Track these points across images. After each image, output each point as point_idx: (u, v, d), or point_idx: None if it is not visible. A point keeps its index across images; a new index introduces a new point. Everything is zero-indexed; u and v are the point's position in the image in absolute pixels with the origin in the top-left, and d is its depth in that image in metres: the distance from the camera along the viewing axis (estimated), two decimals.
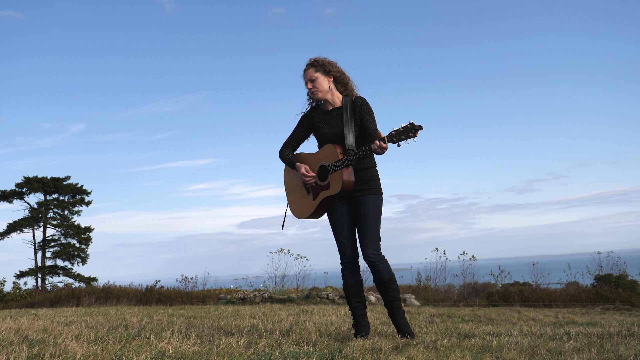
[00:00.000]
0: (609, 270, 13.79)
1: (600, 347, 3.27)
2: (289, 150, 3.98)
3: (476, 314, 8.07)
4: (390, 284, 3.72)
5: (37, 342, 3.33)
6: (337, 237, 3.84)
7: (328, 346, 3.25)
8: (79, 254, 27.79)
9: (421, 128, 3.40)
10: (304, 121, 3.97)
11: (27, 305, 13.63)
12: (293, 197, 4.02)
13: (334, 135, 3.79)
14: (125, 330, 4.15)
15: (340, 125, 3.79)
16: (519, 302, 11.98)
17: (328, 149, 3.76)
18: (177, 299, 13.42)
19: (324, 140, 3.84)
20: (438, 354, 3.04)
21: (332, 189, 3.71)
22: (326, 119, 3.86)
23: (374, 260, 3.68)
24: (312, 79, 3.83)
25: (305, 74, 3.89)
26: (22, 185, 27.43)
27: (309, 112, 3.97)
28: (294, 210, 4.00)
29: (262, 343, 3.29)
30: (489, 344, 3.37)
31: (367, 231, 3.70)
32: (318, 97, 3.86)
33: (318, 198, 3.79)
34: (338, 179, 3.66)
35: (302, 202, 3.92)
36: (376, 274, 3.71)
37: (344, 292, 3.88)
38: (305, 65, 3.89)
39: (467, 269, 14.21)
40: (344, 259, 3.83)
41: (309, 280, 14.36)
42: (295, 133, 4.00)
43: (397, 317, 3.75)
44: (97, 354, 2.84)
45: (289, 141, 4.01)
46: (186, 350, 2.98)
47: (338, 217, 3.82)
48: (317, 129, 3.88)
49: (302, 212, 3.92)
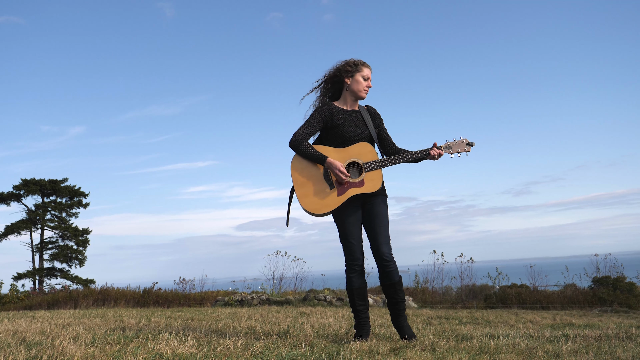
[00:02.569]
0: (607, 272, 13.79)
1: (597, 350, 3.28)
2: (307, 141, 3.75)
3: (474, 316, 8.07)
4: (400, 285, 3.75)
5: (34, 344, 3.33)
6: (348, 239, 3.73)
7: (325, 348, 3.25)
8: (77, 256, 27.75)
9: (473, 144, 3.78)
10: (323, 114, 3.80)
11: (24, 308, 13.59)
12: (306, 190, 3.72)
13: (361, 135, 3.80)
14: (122, 332, 4.14)
15: (365, 127, 3.84)
16: (516, 304, 11.98)
17: (364, 147, 3.74)
18: (175, 301, 13.41)
19: (348, 139, 3.76)
20: (436, 356, 3.04)
21: (367, 187, 3.68)
22: (348, 118, 3.83)
23: (389, 260, 3.70)
24: (370, 80, 3.91)
25: (366, 69, 3.88)
26: (19, 187, 27.40)
27: (326, 107, 3.84)
28: (309, 204, 3.69)
29: (259, 345, 3.29)
30: (487, 346, 3.38)
31: (383, 231, 3.73)
32: (363, 97, 3.90)
33: (346, 195, 3.68)
34: (377, 179, 3.70)
35: (322, 196, 3.69)
36: (387, 275, 3.72)
37: (349, 294, 3.81)
38: (364, 62, 3.90)
39: (464, 271, 14.22)
40: (353, 261, 3.75)
41: (307, 282, 14.36)
42: (311, 124, 3.79)
43: (402, 319, 3.77)
44: (95, 356, 2.84)
45: (306, 132, 3.76)
46: (184, 353, 2.97)
47: (352, 219, 3.74)
48: (338, 126, 3.78)
49: (321, 207, 3.69)
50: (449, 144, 3.80)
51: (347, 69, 3.87)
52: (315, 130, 3.82)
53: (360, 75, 3.85)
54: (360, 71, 3.86)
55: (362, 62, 3.88)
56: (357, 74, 3.86)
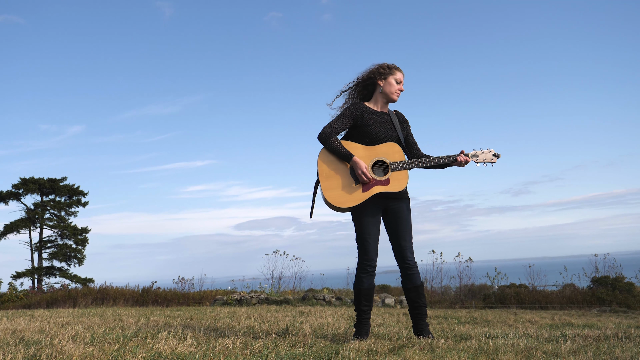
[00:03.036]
0: (606, 272, 13.80)
1: (596, 350, 3.28)
2: (336, 137, 3.79)
3: (472, 315, 8.07)
4: (422, 289, 3.83)
5: (33, 343, 3.33)
6: (365, 238, 3.74)
7: (324, 348, 3.25)
8: (76, 255, 27.75)
9: (499, 156, 3.89)
10: (354, 112, 3.85)
11: (23, 306, 13.59)
12: (332, 183, 3.74)
13: (389, 137, 3.85)
14: (121, 331, 4.14)
15: (394, 129, 3.91)
16: (515, 304, 11.99)
17: (393, 147, 3.79)
18: (174, 300, 13.41)
19: (376, 138, 3.80)
20: (434, 355, 3.05)
21: (392, 186, 3.72)
22: (378, 119, 3.88)
23: (412, 264, 3.80)
24: (403, 84, 3.97)
25: (399, 73, 3.95)
26: (18, 186, 27.38)
27: (358, 105, 3.88)
28: (333, 197, 3.71)
29: (258, 344, 3.29)
30: (485, 345, 3.38)
31: (407, 235, 3.81)
32: (395, 100, 3.95)
33: (370, 192, 3.71)
34: (403, 179, 3.75)
35: (348, 191, 3.72)
36: (410, 278, 3.80)
37: (356, 293, 3.81)
38: (398, 67, 3.97)
39: (463, 270, 14.24)
40: (367, 261, 3.76)
41: (305, 281, 14.37)
42: (342, 120, 3.83)
43: (424, 324, 3.85)
44: (94, 355, 2.84)
45: (336, 127, 3.81)
46: (182, 352, 2.98)
47: (372, 218, 3.76)
48: (368, 125, 3.82)
49: (346, 201, 3.70)
50: (476, 153, 3.88)
51: (381, 72, 3.94)
52: (345, 127, 3.86)
53: (393, 78, 3.92)
54: (394, 74, 3.93)
55: (395, 66, 3.96)
56: (390, 76, 3.92)
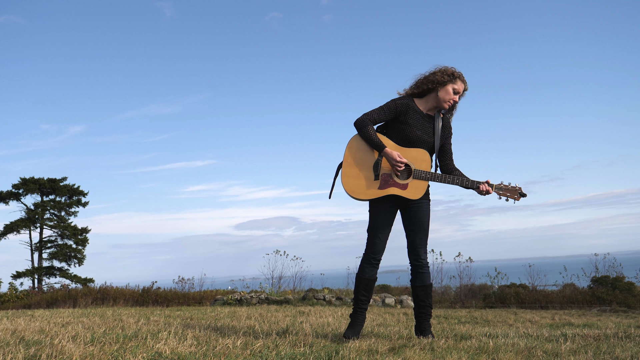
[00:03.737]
0: (606, 272, 13.80)
1: (596, 349, 3.28)
2: (372, 126, 3.78)
3: (473, 315, 8.08)
4: (430, 289, 3.88)
5: (33, 343, 3.33)
6: (376, 234, 3.78)
7: (324, 347, 3.25)
8: (76, 255, 27.74)
9: (525, 196, 3.80)
10: (399, 107, 3.81)
11: (23, 306, 13.59)
12: (352, 171, 3.78)
13: (425, 142, 3.82)
14: (121, 331, 4.14)
15: (433, 135, 3.86)
16: (515, 303, 12.00)
17: (423, 154, 3.76)
18: (174, 300, 13.41)
19: (411, 140, 3.78)
20: (434, 355, 3.05)
21: (409, 192, 3.72)
22: (421, 121, 3.84)
23: (424, 263, 3.85)
24: (460, 95, 3.89)
25: (460, 83, 3.83)
26: (18, 186, 27.38)
27: (405, 102, 3.84)
28: (349, 184, 3.77)
29: (258, 344, 3.29)
30: (486, 345, 3.38)
31: (424, 235, 3.84)
32: (445, 108, 3.87)
33: (386, 190, 3.73)
34: (421, 188, 3.74)
35: (365, 183, 3.75)
36: (421, 277, 3.84)
37: (357, 282, 3.84)
38: (463, 78, 3.86)
39: (463, 270, 14.24)
40: (373, 254, 3.80)
41: (306, 281, 14.35)
42: (383, 111, 3.80)
43: (427, 324, 3.87)
44: (94, 355, 2.84)
45: (374, 116, 3.79)
46: (183, 352, 2.98)
47: (386, 215, 3.78)
48: (408, 124, 3.80)
49: (360, 192, 3.75)
50: (502, 186, 3.80)
51: (444, 78, 3.84)
52: (385, 119, 3.83)
53: (452, 87, 3.83)
54: (454, 83, 3.83)
55: (459, 75, 3.85)
56: (449, 84, 3.83)
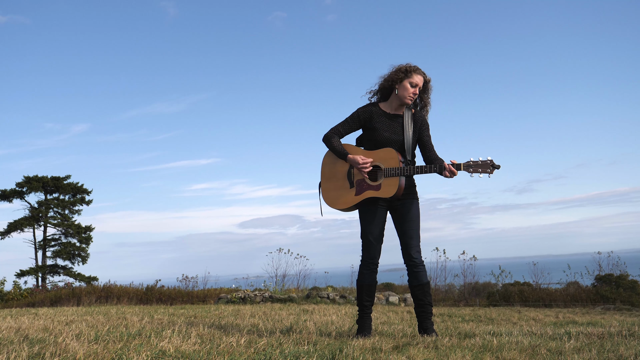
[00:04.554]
0: (609, 270, 13.77)
1: (600, 347, 3.27)
2: (337, 138, 3.90)
3: (476, 313, 8.07)
4: (428, 287, 3.83)
5: (37, 341, 3.33)
6: (368, 238, 3.82)
7: (328, 345, 3.25)
8: (80, 253, 27.79)
9: (498, 167, 3.64)
10: (361, 116, 3.89)
11: (27, 305, 13.63)
12: (330, 185, 3.93)
13: (394, 141, 3.82)
14: (125, 329, 4.15)
15: (401, 133, 3.85)
16: (519, 302, 11.98)
17: (389, 153, 3.77)
18: (178, 299, 13.42)
19: (380, 143, 3.82)
20: (438, 353, 3.04)
21: (383, 191, 3.73)
22: (387, 122, 3.86)
23: (418, 262, 3.81)
24: (419, 87, 3.85)
25: (416, 76, 3.82)
26: (22, 184, 27.42)
27: (368, 108, 3.91)
28: (328, 198, 3.92)
29: (262, 342, 3.29)
30: (490, 343, 3.37)
31: (414, 234, 3.83)
32: (408, 103, 3.86)
33: (362, 195, 3.79)
34: (393, 185, 3.72)
35: (341, 193, 3.86)
36: (417, 276, 3.81)
37: (358, 289, 3.89)
38: (417, 68, 3.84)
39: (467, 268, 14.22)
40: (369, 259, 3.84)
41: (310, 279, 14.36)
42: (348, 123, 3.91)
43: (428, 322, 3.82)
44: (98, 353, 2.84)
45: (339, 129, 3.91)
46: (187, 350, 2.98)
47: (375, 219, 3.81)
48: (375, 129, 3.84)
49: (338, 203, 3.87)
50: (470, 163, 3.69)
51: (399, 76, 3.86)
52: (350, 130, 3.92)
53: (408, 81, 3.83)
54: (410, 77, 3.83)
55: (414, 69, 3.85)
56: (405, 80, 3.84)
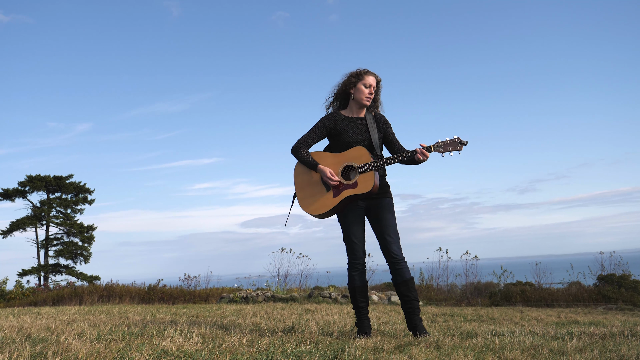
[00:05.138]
0: (612, 270, 13.74)
1: (602, 347, 3.27)
2: (306, 149, 3.97)
3: (478, 313, 8.06)
4: (412, 283, 3.82)
5: (39, 341, 3.34)
6: (351, 239, 3.86)
7: (330, 345, 3.25)
8: (82, 252, 27.82)
9: (466, 143, 3.66)
10: (326, 123, 3.98)
11: (29, 304, 13.66)
12: (305, 193, 3.97)
13: (362, 141, 3.89)
14: (127, 328, 4.15)
15: (367, 133, 3.93)
16: (521, 301, 11.96)
17: (359, 150, 3.81)
18: (180, 298, 13.44)
19: (349, 145, 3.88)
20: (440, 353, 3.04)
21: (360, 188, 3.76)
22: (351, 125, 3.95)
23: (399, 259, 3.80)
24: (375, 88, 3.96)
25: (372, 77, 3.94)
26: (24, 183, 27.47)
27: (331, 116, 4.00)
28: (307, 205, 3.94)
29: (264, 342, 3.29)
30: (492, 343, 3.37)
31: (392, 231, 3.82)
32: (366, 104, 3.95)
33: (340, 196, 3.81)
34: (369, 180, 3.74)
35: (318, 198, 3.89)
36: (399, 272, 3.80)
37: (351, 292, 3.92)
38: (368, 71, 3.96)
39: (469, 268, 14.20)
40: (355, 260, 3.87)
41: (312, 279, 14.36)
42: (314, 133, 3.99)
43: (416, 318, 3.81)
44: (100, 353, 2.84)
45: (307, 139, 3.99)
46: (189, 349, 2.98)
47: (354, 219, 3.86)
48: (341, 133, 3.92)
49: (318, 208, 3.88)
50: (439, 144, 3.71)
51: (352, 80, 3.97)
52: (317, 139, 4.01)
53: (362, 83, 3.94)
54: (362, 80, 3.94)
55: (365, 71, 3.97)
56: (359, 83, 3.94)
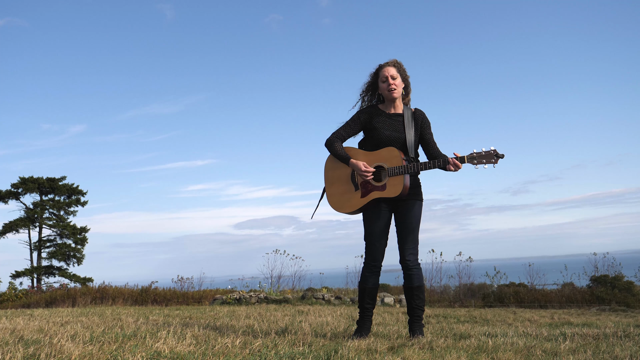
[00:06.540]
0: (605, 271, 13.80)
1: (595, 348, 3.28)
2: (340, 143, 3.90)
3: (472, 314, 8.08)
4: (419, 291, 3.79)
5: (32, 342, 3.33)
6: (371, 240, 3.81)
7: (323, 347, 3.25)
8: (75, 254, 27.74)
9: (502, 157, 3.61)
10: (361, 117, 3.90)
11: (22, 306, 13.59)
12: (333, 190, 3.92)
13: (395, 139, 3.81)
14: (120, 330, 4.14)
15: (403, 131, 3.83)
16: (514, 303, 11.99)
17: (391, 152, 3.74)
18: (173, 300, 13.41)
19: (382, 142, 3.80)
20: (434, 354, 3.05)
21: (388, 191, 3.71)
22: (387, 121, 3.85)
23: (412, 265, 3.78)
24: (394, 77, 3.84)
25: (385, 69, 3.85)
26: (17, 185, 27.36)
27: (367, 109, 3.92)
28: (334, 202, 3.90)
29: (257, 343, 3.28)
30: (485, 344, 3.38)
31: (411, 237, 3.79)
32: (394, 96, 3.84)
33: (368, 197, 3.76)
34: (398, 184, 3.69)
35: (347, 197, 3.84)
36: (408, 278, 3.79)
37: (360, 291, 3.87)
38: (385, 62, 3.89)
39: (462, 269, 14.21)
40: (373, 261, 3.82)
41: (305, 281, 14.36)
42: (349, 126, 3.92)
43: (416, 325, 3.80)
44: (93, 354, 2.83)
45: (341, 133, 3.92)
46: (182, 351, 2.97)
47: (379, 221, 3.79)
48: (375, 129, 3.83)
49: (345, 207, 3.85)
50: (474, 155, 3.66)
51: (373, 78, 3.95)
52: (352, 133, 3.93)
53: (381, 78, 3.87)
54: (378, 77, 3.90)
55: (380, 65, 3.91)
56: (377, 81, 3.91)
